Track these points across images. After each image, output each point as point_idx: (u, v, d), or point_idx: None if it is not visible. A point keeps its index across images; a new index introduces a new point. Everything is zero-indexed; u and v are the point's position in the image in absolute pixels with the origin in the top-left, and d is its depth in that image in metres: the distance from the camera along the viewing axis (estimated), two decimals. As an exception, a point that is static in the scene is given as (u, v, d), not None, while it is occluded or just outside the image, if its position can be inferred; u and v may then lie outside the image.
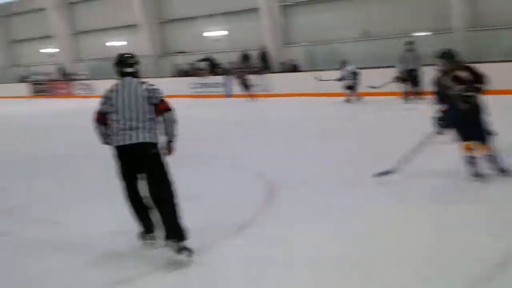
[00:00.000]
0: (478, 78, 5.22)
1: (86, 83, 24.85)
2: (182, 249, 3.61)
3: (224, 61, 20.33)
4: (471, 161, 5.29)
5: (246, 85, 17.49)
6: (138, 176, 3.78)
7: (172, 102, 3.95)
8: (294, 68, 18.83)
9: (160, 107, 3.73)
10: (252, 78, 17.82)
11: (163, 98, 3.80)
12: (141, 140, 3.63)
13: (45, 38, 28.11)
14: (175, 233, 3.61)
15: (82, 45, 27.53)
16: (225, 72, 19.57)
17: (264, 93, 18.11)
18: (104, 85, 15.36)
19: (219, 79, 19.62)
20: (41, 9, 27.50)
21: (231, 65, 19.11)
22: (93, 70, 25.99)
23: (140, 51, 23.66)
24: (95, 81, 24.05)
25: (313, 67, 17.85)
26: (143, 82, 3.84)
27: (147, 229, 3.92)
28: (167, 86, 21.25)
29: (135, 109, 3.66)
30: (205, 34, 21.91)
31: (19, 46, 30.86)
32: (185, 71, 21.50)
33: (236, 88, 18.08)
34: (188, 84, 20.62)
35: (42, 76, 28.23)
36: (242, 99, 17.38)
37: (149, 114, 3.70)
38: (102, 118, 3.80)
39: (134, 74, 3.88)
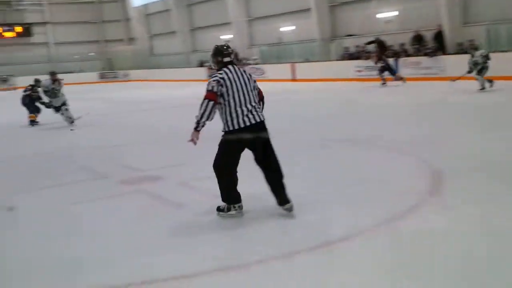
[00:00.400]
0: None
1: (257, 67, 26.16)
2: (291, 208, 4.15)
3: (394, 43, 19.68)
4: None
5: (386, 69, 16.79)
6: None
7: (334, 85, 4.02)
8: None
9: (260, 93, 4.24)
10: (424, 60, 16.91)
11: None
12: (262, 118, 4.09)
13: (223, 25, 30.04)
14: (288, 198, 4.15)
15: (255, 31, 28.79)
16: (395, 54, 18.95)
17: (435, 76, 17.08)
18: (273, 69, 15.77)
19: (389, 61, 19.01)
20: (222, -2, 29.59)
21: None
22: (264, 55, 27.26)
23: (309, 35, 24.41)
24: (266, 65, 25.32)
25: (497, 48, 16.26)
26: (244, 70, 4.19)
27: (237, 200, 4.26)
28: (333, 69, 21.21)
29: (251, 93, 4.07)
30: (376, 16, 21.46)
31: (200, 32, 33.40)
32: (352, 54, 21.32)
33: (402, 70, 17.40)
34: (354, 67, 20.46)
35: None
36: (406, 83, 16.51)
37: (257, 97, 4.15)
38: (215, 98, 3.98)
39: (233, 63, 4.12)
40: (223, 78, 4.00)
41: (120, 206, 4.88)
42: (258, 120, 4.03)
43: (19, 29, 37.06)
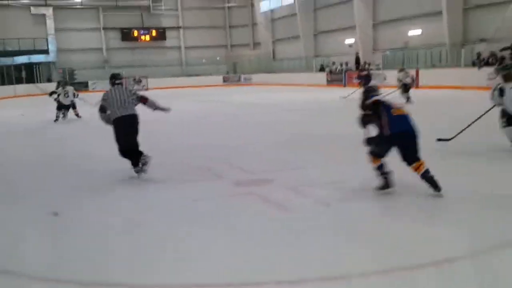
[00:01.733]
0: None
1: (378, 73, 25.69)
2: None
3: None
4: None
5: None
6: None
7: (459, 94, 3.80)
8: None
9: (142, 99, 6.38)
10: None
11: (140, 95, 6.44)
12: (132, 112, 6.27)
13: (347, 29, 29.71)
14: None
15: (380, 35, 28.19)
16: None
17: None
18: (395, 75, 14.01)
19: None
20: (348, 1, 29.28)
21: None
22: (388, 60, 26.53)
23: (437, 39, 23.38)
24: (387, 71, 24.62)
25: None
26: (126, 87, 6.55)
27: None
28: (461, 76, 19.50)
29: (127, 99, 6.26)
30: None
31: (322, 37, 33.41)
32: (484, 60, 20.28)
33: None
34: (486, 74, 19.23)
35: (338, 66, 29.69)
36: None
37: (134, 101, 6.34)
38: (102, 108, 6.41)
39: (121, 83, 6.48)
40: (107, 95, 6.29)
41: (233, 207, 4.90)
42: (127, 113, 6.17)
43: (154, 33, 40.05)
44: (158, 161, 6.59)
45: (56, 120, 13.97)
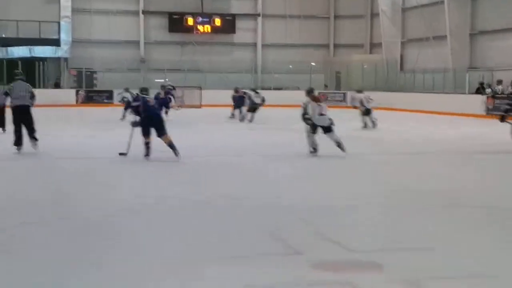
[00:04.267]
0: None
1: None
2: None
3: None
4: None
5: None
6: None
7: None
8: None
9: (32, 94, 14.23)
10: None
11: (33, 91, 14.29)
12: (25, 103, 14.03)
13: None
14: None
15: None
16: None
17: None
18: None
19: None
20: None
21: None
22: None
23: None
24: None
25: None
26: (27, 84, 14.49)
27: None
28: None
29: (25, 93, 14.04)
30: None
31: (483, 40, 32.77)
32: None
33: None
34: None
35: (507, 87, 28.85)
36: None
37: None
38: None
39: (22, 79, 14.36)
40: (11, 85, 14.26)
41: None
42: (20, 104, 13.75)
43: (218, 22, 40.46)
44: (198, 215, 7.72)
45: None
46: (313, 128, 13.58)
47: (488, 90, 29.53)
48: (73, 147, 15.62)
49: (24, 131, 13.70)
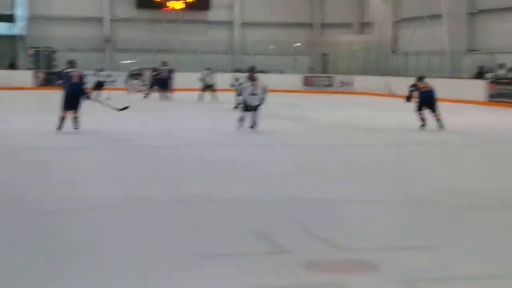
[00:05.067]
0: None
1: None
2: None
3: None
4: None
5: None
6: None
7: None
8: None
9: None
10: None
11: None
12: None
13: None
14: None
15: None
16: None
17: None
18: None
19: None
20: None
21: None
22: None
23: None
24: None
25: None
26: None
27: None
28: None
29: None
30: None
31: (483, 19, 32.96)
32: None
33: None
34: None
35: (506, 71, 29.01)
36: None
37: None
38: None
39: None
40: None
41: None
42: None
43: None
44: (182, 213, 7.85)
45: None
46: (245, 106, 16.43)
47: (489, 75, 29.63)
48: (31, 135, 15.48)
49: None
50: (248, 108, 16.28)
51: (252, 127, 16.20)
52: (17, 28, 36.93)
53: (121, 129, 16.43)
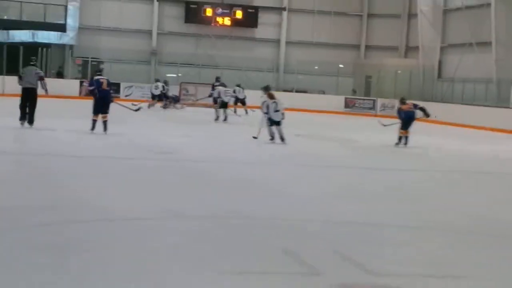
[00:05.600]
0: None
1: None
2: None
3: None
4: None
5: None
6: None
7: None
8: None
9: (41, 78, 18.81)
10: None
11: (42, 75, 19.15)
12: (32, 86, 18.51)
13: None
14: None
15: None
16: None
17: None
18: None
19: None
20: None
21: None
22: None
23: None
24: None
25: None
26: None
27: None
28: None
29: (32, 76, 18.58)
30: None
31: None
32: None
33: None
34: None
35: None
36: None
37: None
38: None
39: (35, 65, 19.76)
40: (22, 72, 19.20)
41: None
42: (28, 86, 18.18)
43: (240, 14, 40.33)
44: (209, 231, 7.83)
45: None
46: (270, 121, 17.71)
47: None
48: (70, 143, 15.95)
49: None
50: (272, 123, 17.58)
51: (282, 140, 17.50)
52: (67, 38, 37.14)
53: (162, 142, 16.84)
